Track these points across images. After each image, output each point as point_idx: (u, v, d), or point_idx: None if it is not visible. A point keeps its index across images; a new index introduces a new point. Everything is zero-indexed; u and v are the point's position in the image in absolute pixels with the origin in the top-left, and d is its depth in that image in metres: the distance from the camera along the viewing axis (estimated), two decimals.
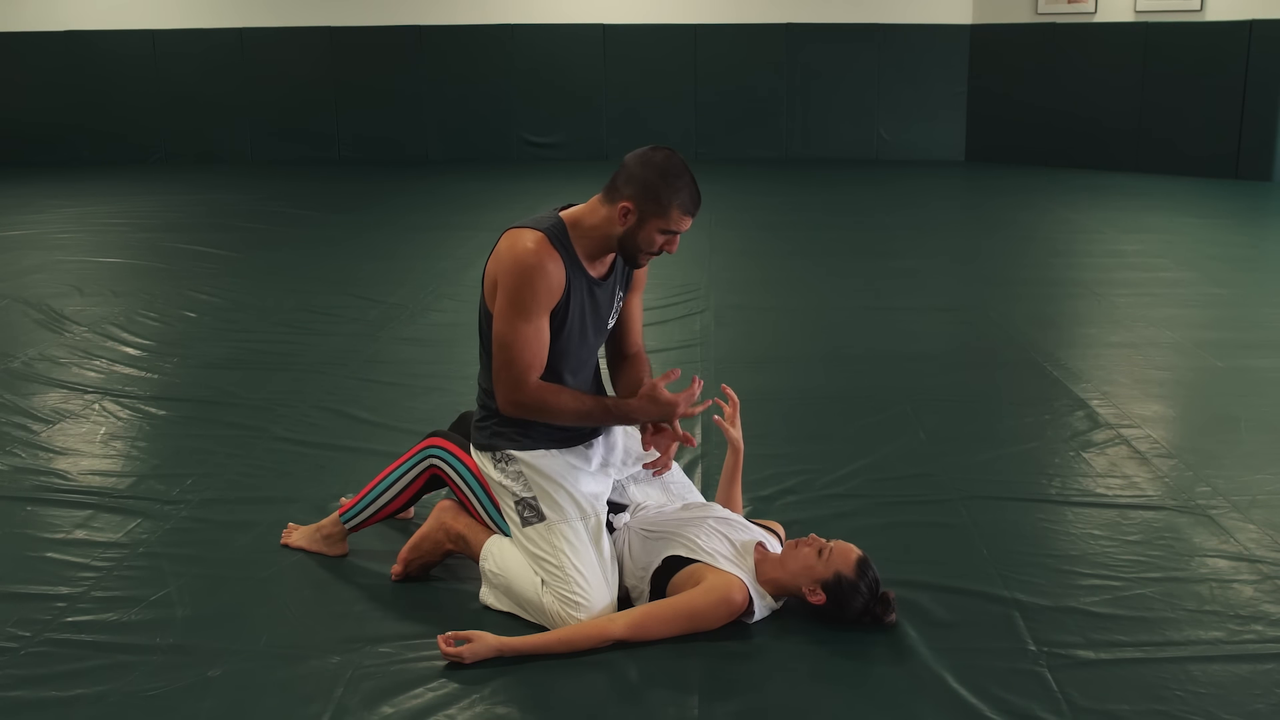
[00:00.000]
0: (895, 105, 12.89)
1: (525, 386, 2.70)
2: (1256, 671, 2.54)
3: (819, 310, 6.00)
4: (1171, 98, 11.22)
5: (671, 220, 2.67)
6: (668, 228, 2.68)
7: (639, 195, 2.66)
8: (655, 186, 2.65)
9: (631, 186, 2.67)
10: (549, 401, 2.72)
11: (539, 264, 2.64)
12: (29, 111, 13.19)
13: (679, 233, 2.71)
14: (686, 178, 2.68)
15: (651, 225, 2.68)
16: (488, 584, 2.82)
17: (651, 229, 2.68)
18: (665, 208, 2.66)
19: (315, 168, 12.58)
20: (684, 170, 2.68)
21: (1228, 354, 5.09)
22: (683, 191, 2.66)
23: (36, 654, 2.62)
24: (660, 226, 2.68)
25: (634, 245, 2.71)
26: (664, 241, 2.71)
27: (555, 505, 2.75)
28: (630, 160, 2.70)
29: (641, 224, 2.68)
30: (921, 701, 2.43)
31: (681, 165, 2.68)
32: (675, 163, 2.68)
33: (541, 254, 2.65)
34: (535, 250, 2.65)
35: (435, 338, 5.42)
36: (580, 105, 13.09)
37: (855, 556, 2.68)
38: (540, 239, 2.67)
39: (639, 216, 2.67)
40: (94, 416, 4.27)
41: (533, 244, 2.66)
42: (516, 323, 2.67)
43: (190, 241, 8.02)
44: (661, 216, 2.67)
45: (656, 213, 2.66)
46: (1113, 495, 3.53)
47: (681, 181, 2.66)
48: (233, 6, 13.01)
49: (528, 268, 2.64)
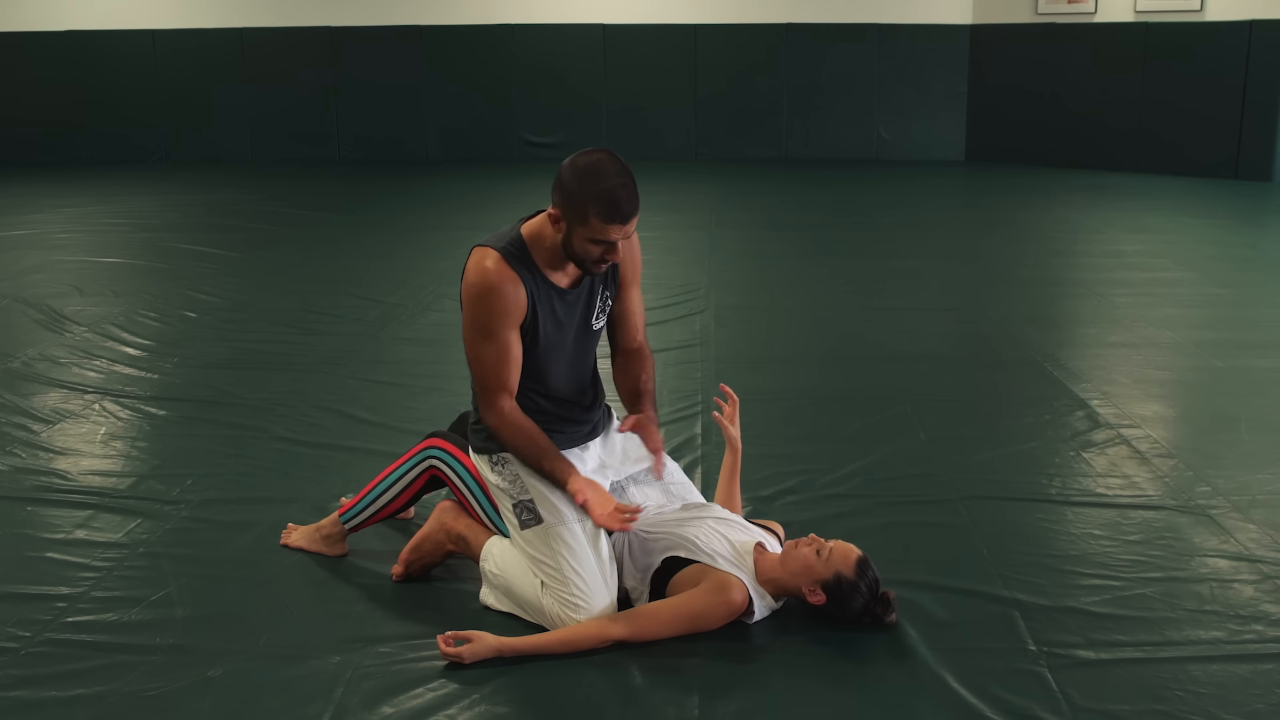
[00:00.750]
0: (895, 105, 12.89)
1: (495, 408, 2.71)
2: (1256, 671, 2.54)
3: (819, 310, 6.00)
4: (1171, 98, 11.22)
5: (593, 229, 2.50)
6: (593, 237, 2.51)
7: (562, 203, 2.52)
8: (573, 193, 2.49)
9: (557, 193, 2.54)
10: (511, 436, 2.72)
11: (496, 284, 2.60)
12: (29, 111, 13.19)
13: (611, 241, 2.53)
14: (611, 182, 2.48)
15: (578, 235, 2.53)
16: (488, 585, 2.83)
17: (580, 239, 2.53)
18: (584, 216, 2.49)
19: (315, 168, 12.58)
20: (610, 174, 2.48)
21: (1228, 354, 5.09)
22: (602, 198, 2.47)
23: (36, 654, 2.62)
24: (586, 236, 2.52)
25: (574, 255, 2.59)
26: (600, 250, 2.54)
27: (552, 508, 2.75)
28: (562, 165, 2.56)
29: (571, 233, 2.54)
30: (921, 701, 2.43)
31: (608, 168, 2.49)
32: (601, 166, 2.49)
33: (499, 274, 2.60)
34: (493, 270, 2.61)
35: (435, 338, 5.42)
36: (580, 105, 13.09)
37: (855, 556, 2.68)
38: (497, 259, 2.62)
39: (566, 225, 2.54)
40: (94, 416, 4.27)
41: (491, 264, 2.62)
42: (479, 343, 2.67)
43: (190, 241, 8.02)
44: (583, 225, 2.51)
45: (577, 221, 2.51)
46: (1113, 495, 3.53)
47: (601, 186, 2.47)
48: (233, 6, 13.00)
49: (484, 289, 2.62)
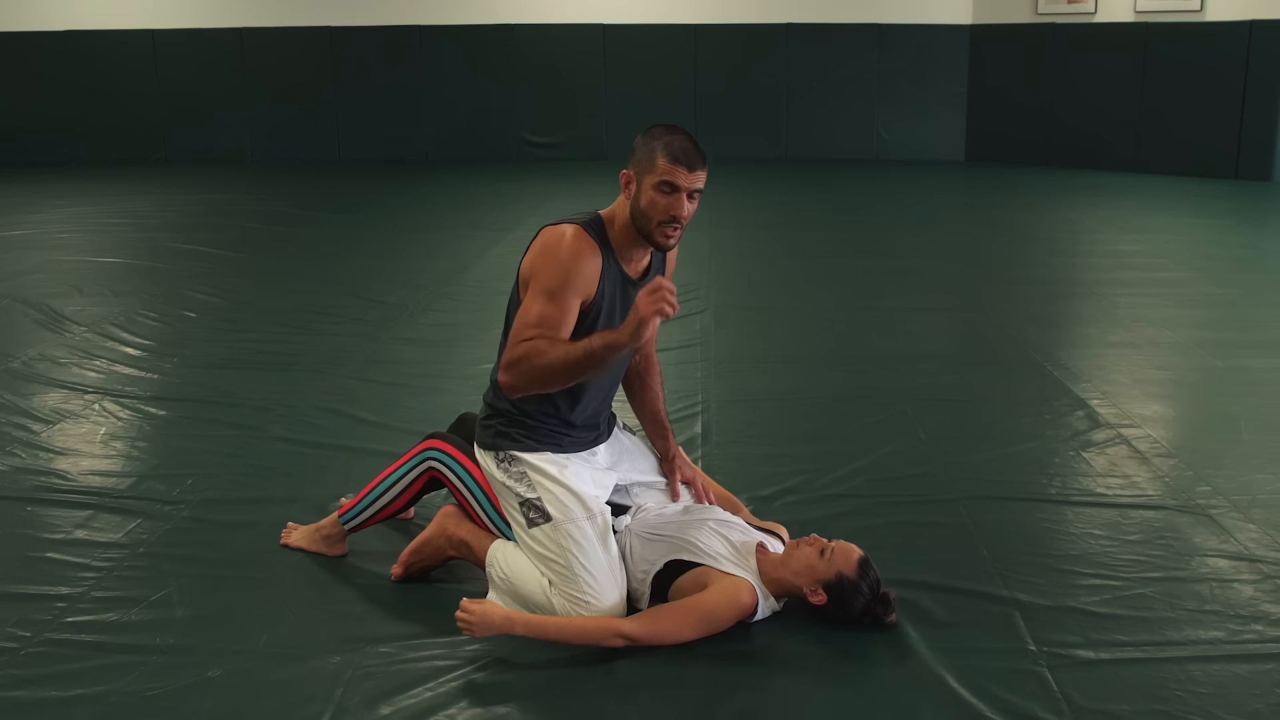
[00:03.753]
0: (895, 105, 12.89)
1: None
2: (1256, 671, 2.54)
3: (819, 310, 6.00)
4: (1171, 98, 11.22)
5: (659, 170, 2.62)
6: (661, 180, 2.63)
7: (632, 160, 2.69)
8: (643, 145, 2.67)
9: (631, 158, 2.70)
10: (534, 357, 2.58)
11: (576, 251, 2.65)
12: (29, 111, 13.20)
13: (679, 188, 2.63)
14: (677, 133, 2.66)
15: (646, 184, 2.65)
16: (494, 589, 2.82)
17: (648, 189, 2.64)
18: (653, 159, 2.63)
19: (315, 168, 12.58)
20: (674, 128, 2.68)
21: (1228, 354, 5.09)
22: (672, 143, 2.64)
23: (36, 654, 2.62)
24: (653, 183, 2.63)
25: (643, 217, 2.67)
26: (666, 203, 2.63)
27: (561, 505, 2.75)
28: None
29: (640, 188, 2.66)
30: (921, 701, 2.43)
31: (673, 126, 2.68)
32: (668, 126, 2.70)
33: (579, 243, 2.67)
34: (572, 239, 2.67)
35: (435, 338, 5.42)
36: (580, 105, 13.09)
37: (857, 556, 2.68)
38: (578, 230, 2.69)
39: (637, 181, 2.67)
40: (94, 416, 4.27)
41: (571, 234, 2.68)
42: (543, 305, 2.64)
43: (190, 241, 8.02)
44: (651, 171, 2.63)
45: (647, 170, 2.64)
46: (1113, 495, 3.53)
47: (670, 135, 2.65)
48: (233, 6, 13.00)
49: (565, 253, 2.65)
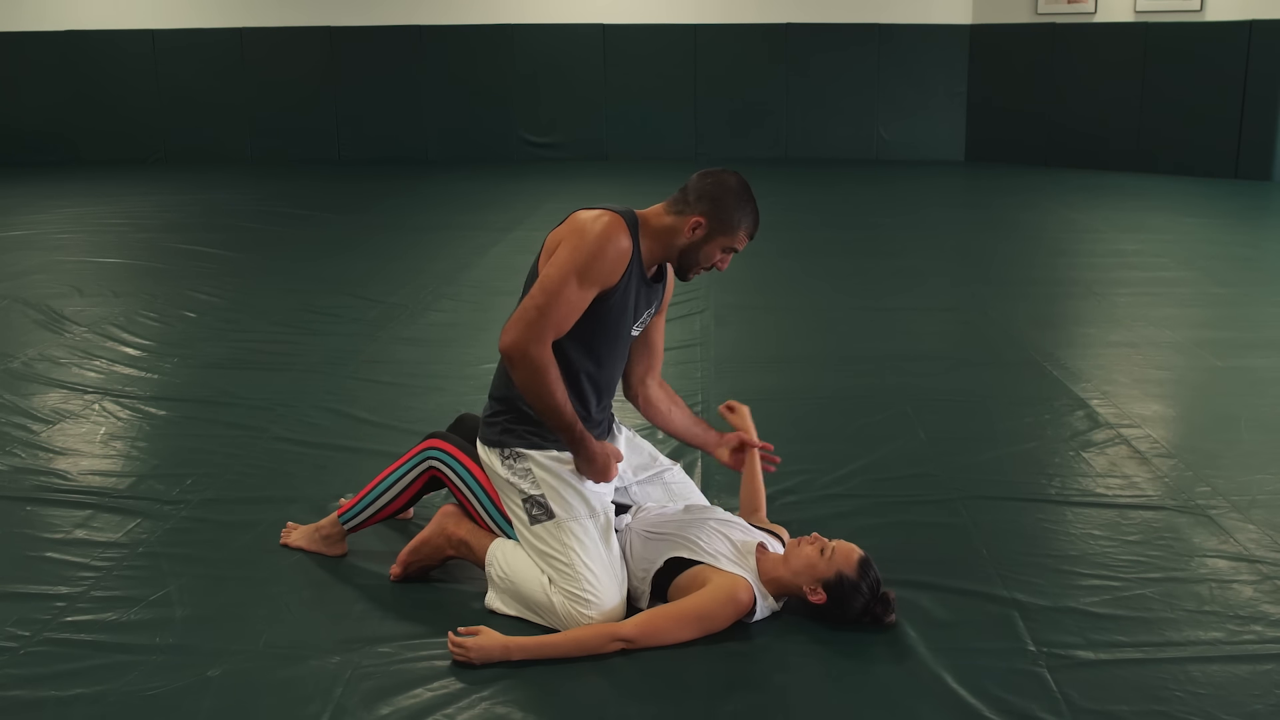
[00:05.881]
0: (895, 105, 12.89)
1: (543, 342, 2.66)
2: (1256, 672, 2.54)
3: (819, 310, 6.00)
4: (1171, 98, 11.22)
5: (737, 239, 2.82)
6: (731, 245, 2.82)
7: (711, 212, 2.77)
8: (729, 207, 2.78)
9: (705, 203, 2.77)
10: (547, 375, 2.66)
11: (614, 237, 2.69)
12: (29, 111, 13.20)
13: (736, 251, 2.86)
14: (754, 204, 2.83)
15: (716, 242, 2.80)
16: (494, 589, 2.82)
17: (715, 246, 2.80)
18: (734, 228, 2.79)
19: (315, 168, 12.58)
20: (752, 196, 2.83)
21: (1228, 354, 5.09)
22: (751, 216, 2.82)
23: (36, 654, 2.62)
24: (724, 244, 2.81)
25: (694, 259, 2.82)
26: (720, 259, 2.85)
27: (564, 503, 2.75)
28: (705, 178, 2.81)
29: (708, 239, 2.79)
30: (921, 701, 2.43)
31: (750, 191, 2.83)
32: (747, 188, 2.82)
33: (617, 229, 2.71)
34: (612, 223, 2.71)
35: (435, 338, 5.42)
36: (580, 105, 13.09)
37: (857, 556, 2.68)
38: (616, 218, 2.73)
39: (708, 232, 2.78)
40: (94, 416, 4.27)
41: (609, 219, 2.72)
42: (570, 283, 2.65)
43: (190, 241, 8.02)
44: (729, 235, 2.79)
45: (725, 231, 2.78)
46: (1113, 495, 3.53)
47: (751, 206, 2.82)
48: (233, 6, 13.01)
49: (604, 237, 2.68)
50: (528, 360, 2.65)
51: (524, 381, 2.68)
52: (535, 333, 2.65)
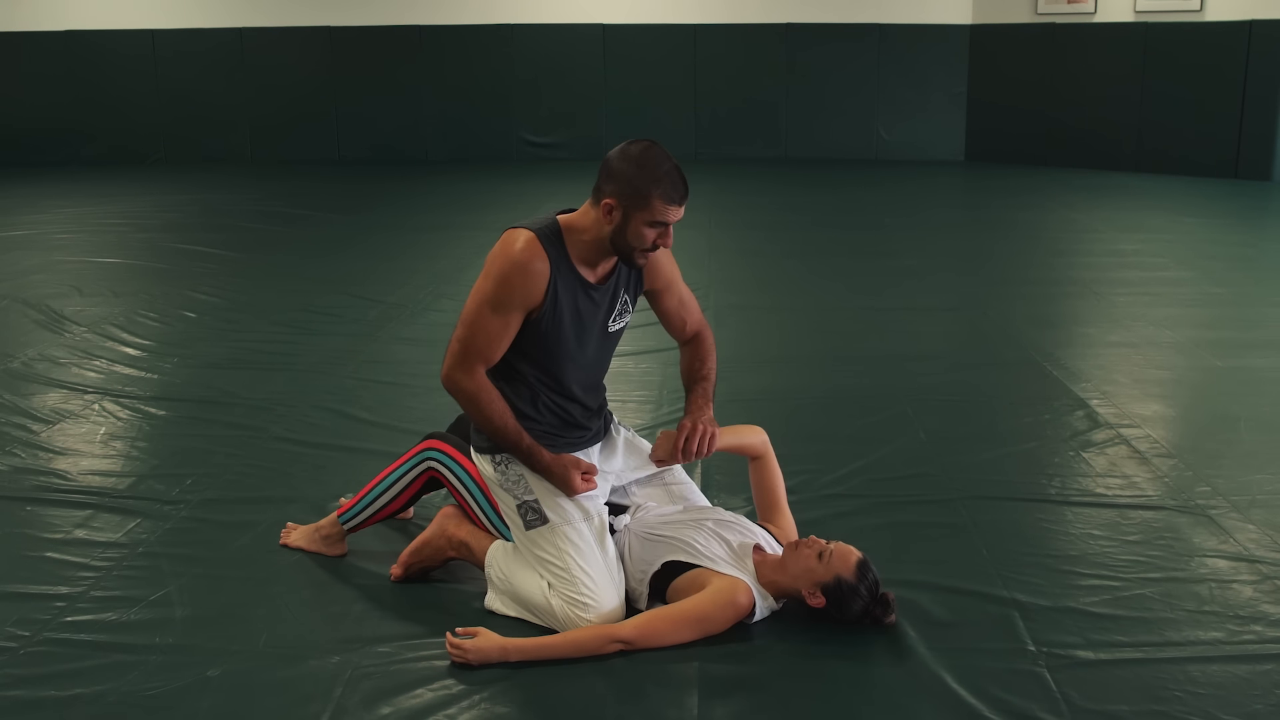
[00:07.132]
0: (895, 105, 12.89)
1: (471, 372, 2.70)
2: (1256, 672, 2.54)
3: (819, 310, 6.00)
4: (1171, 98, 11.21)
5: (655, 211, 2.61)
6: (653, 219, 2.62)
7: (620, 191, 2.61)
8: (633, 179, 2.60)
9: (612, 183, 2.62)
10: (480, 400, 2.71)
11: (523, 261, 2.64)
12: (29, 111, 13.19)
13: (669, 224, 2.65)
14: (666, 165, 2.61)
15: (637, 220, 2.62)
16: (494, 590, 2.82)
17: (638, 224, 2.62)
18: (647, 199, 2.59)
19: (315, 168, 12.58)
20: (664, 159, 2.62)
21: (1228, 354, 5.09)
22: (663, 181, 2.59)
23: (35, 654, 2.62)
24: (645, 220, 2.62)
25: (625, 243, 2.66)
26: (655, 235, 2.65)
27: (558, 507, 2.75)
28: (610, 156, 2.66)
29: (627, 220, 2.62)
30: (921, 701, 2.43)
31: (661, 154, 2.62)
32: (654, 153, 2.62)
33: (528, 252, 2.65)
34: (523, 248, 2.65)
35: (435, 338, 5.42)
36: (580, 105, 13.09)
37: (855, 559, 2.67)
38: (530, 238, 2.67)
39: (623, 213, 2.62)
40: (94, 416, 4.27)
41: (522, 242, 2.67)
42: (486, 313, 2.67)
43: (190, 241, 8.02)
44: (645, 209, 2.60)
45: (639, 206, 2.60)
46: (1112, 495, 3.53)
47: (661, 170, 2.60)
48: (233, 6, 13.00)
49: (511, 263, 2.65)
50: (459, 390, 2.73)
51: (464, 408, 2.77)
52: (460, 363, 2.71)
